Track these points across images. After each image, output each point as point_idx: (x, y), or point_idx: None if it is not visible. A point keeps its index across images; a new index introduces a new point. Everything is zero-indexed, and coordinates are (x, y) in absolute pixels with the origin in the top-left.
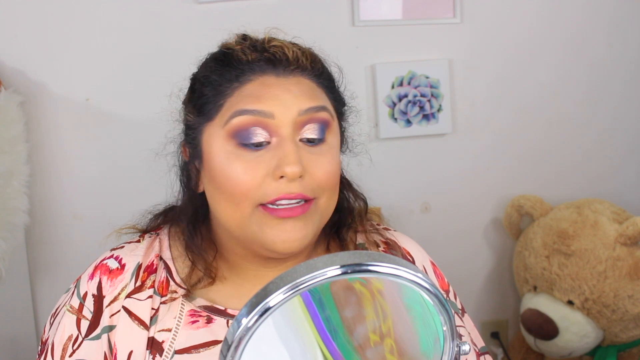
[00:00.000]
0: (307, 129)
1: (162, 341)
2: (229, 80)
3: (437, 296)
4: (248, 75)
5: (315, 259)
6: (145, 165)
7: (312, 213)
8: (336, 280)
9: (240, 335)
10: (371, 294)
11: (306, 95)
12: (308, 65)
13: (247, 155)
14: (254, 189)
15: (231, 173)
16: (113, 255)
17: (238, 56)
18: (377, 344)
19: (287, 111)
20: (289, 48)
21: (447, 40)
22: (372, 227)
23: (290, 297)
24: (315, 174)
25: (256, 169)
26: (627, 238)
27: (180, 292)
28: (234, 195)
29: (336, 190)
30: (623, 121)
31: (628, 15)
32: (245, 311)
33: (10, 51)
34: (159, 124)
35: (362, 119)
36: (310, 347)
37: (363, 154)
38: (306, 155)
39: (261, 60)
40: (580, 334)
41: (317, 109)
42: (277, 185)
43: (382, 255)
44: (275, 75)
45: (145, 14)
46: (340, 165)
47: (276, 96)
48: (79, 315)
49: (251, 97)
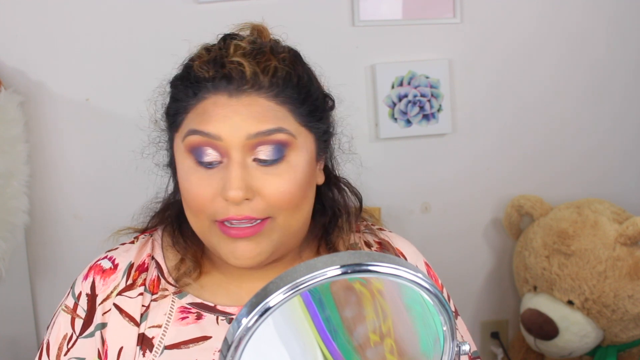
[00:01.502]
0: (260, 150)
1: (152, 337)
2: (187, 96)
3: (437, 296)
4: (203, 92)
5: (315, 259)
6: (145, 165)
7: (268, 231)
8: (336, 280)
9: (240, 335)
10: (371, 294)
11: (257, 118)
12: (266, 83)
13: (201, 172)
14: (207, 205)
15: (189, 187)
16: (107, 256)
17: (195, 72)
18: (377, 344)
19: (235, 134)
20: (247, 65)
21: (447, 40)
22: (366, 227)
23: (290, 297)
24: (267, 195)
25: (208, 187)
26: (627, 238)
27: (170, 289)
28: (193, 208)
29: (299, 207)
30: (623, 121)
31: (628, 15)
32: (245, 311)
33: (10, 51)
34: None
35: (358, 123)
36: (310, 347)
37: (355, 155)
38: (259, 176)
39: (216, 78)
40: (580, 334)
41: (268, 133)
42: (226, 206)
43: (382, 256)
44: (227, 95)
45: (145, 13)
46: (306, 180)
47: (225, 118)
48: (74, 314)
49: (202, 117)
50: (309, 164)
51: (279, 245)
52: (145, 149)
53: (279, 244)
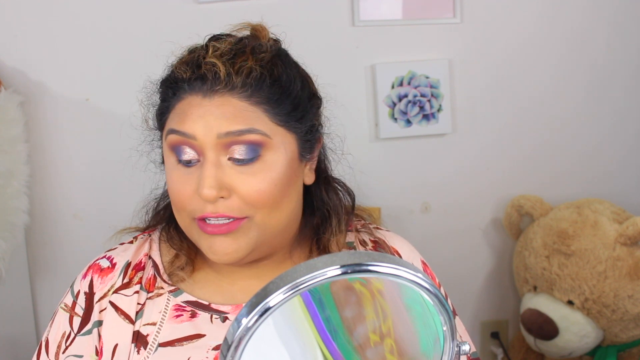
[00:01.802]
0: (234, 149)
1: (147, 334)
2: (168, 96)
3: (437, 296)
4: (181, 93)
5: (315, 259)
6: (145, 165)
7: (245, 229)
8: (336, 280)
9: (240, 335)
10: (371, 294)
11: (228, 119)
12: (239, 83)
13: (181, 170)
14: (186, 203)
15: (171, 184)
16: (106, 256)
17: (174, 73)
18: (377, 344)
19: (207, 133)
20: (221, 66)
21: (447, 40)
22: (363, 226)
23: (290, 297)
24: (242, 194)
25: (186, 184)
26: (627, 238)
27: (166, 288)
28: (176, 205)
29: (278, 205)
30: (623, 121)
31: (628, 15)
32: (245, 311)
33: (10, 51)
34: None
35: (358, 123)
36: (310, 347)
37: (354, 155)
38: (234, 175)
39: (191, 79)
40: (580, 334)
41: (238, 133)
42: (202, 203)
43: (382, 255)
44: (202, 95)
45: (145, 13)
46: (284, 179)
47: (199, 117)
48: (72, 312)
49: (178, 117)
50: (288, 164)
51: (259, 244)
52: (139, 146)
53: (259, 242)
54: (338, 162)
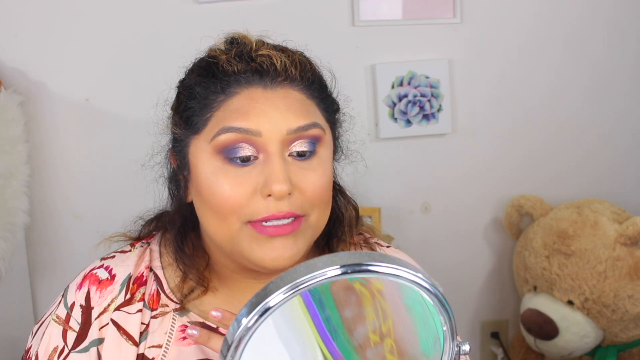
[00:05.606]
0: (297, 144)
1: (152, 358)
2: (214, 92)
3: (437, 296)
4: (234, 87)
5: (315, 259)
6: (145, 166)
7: (303, 230)
8: (336, 280)
9: (240, 335)
10: (371, 294)
11: (295, 112)
12: (297, 76)
13: (234, 171)
14: (242, 206)
15: (217, 189)
16: (103, 265)
17: (223, 67)
18: (377, 344)
19: (274, 129)
20: (277, 57)
21: (447, 40)
22: (364, 240)
23: (290, 297)
24: (305, 190)
25: (243, 185)
26: (627, 238)
27: (171, 305)
28: (221, 211)
29: (328, 204)
30: (623, 121)
31: (628, 15)
32: (245, 311)
33: (10, 51)
34: (159, 124)
35: (358, 123)
36: (310, 347)
37: (359, 161)
38: (296, 171)
39: (247, 71)
40: (580, 334)
41: (306, 127)
42: (265, 204)
43: (382, 256)
44: (262, 88)
45: (145, 13)
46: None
47: (263, 112)
48: (66, 326)
49: (237, 113)
50: (331, 161)
51: (308, 247)
52: (147, 161)
53: (309, 244)
54: (351, 162)
